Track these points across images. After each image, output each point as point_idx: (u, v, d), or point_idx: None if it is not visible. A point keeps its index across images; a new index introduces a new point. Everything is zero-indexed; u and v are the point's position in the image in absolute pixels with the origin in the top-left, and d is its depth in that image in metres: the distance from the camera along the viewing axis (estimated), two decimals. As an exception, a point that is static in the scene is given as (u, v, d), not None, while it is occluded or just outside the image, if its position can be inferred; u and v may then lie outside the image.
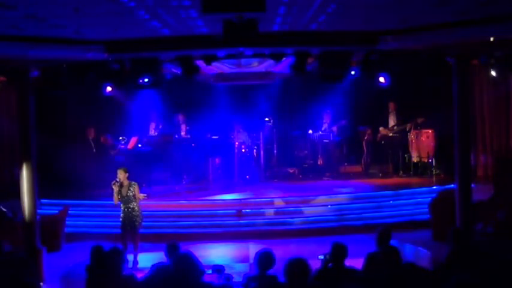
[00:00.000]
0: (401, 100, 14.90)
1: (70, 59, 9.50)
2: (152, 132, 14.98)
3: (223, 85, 15.10)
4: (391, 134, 15.06)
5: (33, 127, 9.68)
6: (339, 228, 11.59)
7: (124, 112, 14.74)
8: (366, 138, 15.14)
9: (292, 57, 10.10)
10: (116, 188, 9.63)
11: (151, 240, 10.76)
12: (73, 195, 12.85)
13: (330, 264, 6.07)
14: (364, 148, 15.17)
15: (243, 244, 10.96)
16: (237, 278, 7.16)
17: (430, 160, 14.43)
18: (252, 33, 6.77)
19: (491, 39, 8.79)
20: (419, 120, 14.52)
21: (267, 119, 15.72)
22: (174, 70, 11.78)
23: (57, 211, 11.68)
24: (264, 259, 5.69)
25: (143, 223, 9.98)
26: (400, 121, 15.00)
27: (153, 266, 6.54)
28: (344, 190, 13.17)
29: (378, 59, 10.31)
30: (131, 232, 9.70)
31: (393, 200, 12.60)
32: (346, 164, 15.38)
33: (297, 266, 4.86)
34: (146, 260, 9.52)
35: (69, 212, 11.72)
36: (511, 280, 5.39)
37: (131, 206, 9.68)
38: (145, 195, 9.93)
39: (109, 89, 13.52)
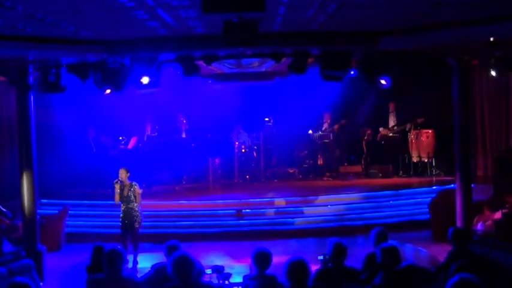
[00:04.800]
0: (401, 100, 14.91)
1: (70, 59, 9.49)
2: (149, 133, 14.97)
3: (223, 85, 15.10)
4: (391, 134, 15.06)
5: (33, 127, 9.69)
6: (339, 228, 11.60)
7: (124, 112, 14.74)
8: (365, 138, 15.14)
9: (292, 57, 10.09)
10: (117, 187, 9.64)
11: (151, 240, 10.77)
12: (73, 195, 12.86)
13: (329, 264, 6.07)
14: (364, 148, 15.17)
15: (243, 244, 10.96)
16: (237, 278, 7.17)
17: (430, 160, 14.44)
18: (252, 34, 6.76)
19: (491, 39, 8.79)
20: (419, 120, 14.52)
21: (267, 119, 15.72)
22: (174, 70, 11.78)
23: (57, 211, 11.69)
24: (261, 258, 5.68)
25: (143, 223, 9.98)
26: (400, 121, 15.01)
27: (153, 266, 6.56)
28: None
29: (378, 59, 10.31)
30: (131, 232, 9.70)
31: (393, 200, 12.61)
32: (346, 164, 15.39)
33: (297, 266, 4.86)
34: (146, 260, 9.53)
35: (69, 212, 11.73)
36: (510, 280, 5.40)
37: (131, 206, 9.68)
38: (141, 190, 9.89)
39: (108, 89, 13.48)
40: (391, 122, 15.19)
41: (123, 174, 9.72)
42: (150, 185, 13.52)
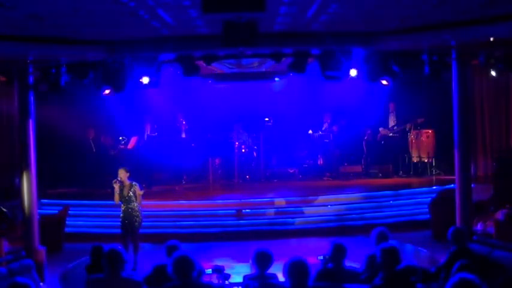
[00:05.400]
0: (401, 100, 14.91)
1: (70, 59, 9.49)
2: (148, 133, 14.98)
3: (223, 85, 15.11)
4: (391, 134, 15.07)
5: (33, 127, 9.68)
6: (339, 228, 11.60)
7: (123, 112, 14.75)
8: (366, 138, 15.15)
9: (292, 57, 10.10)
10: (116, 187, 9.63)
11: (151, 240, 10.77)
12: (73, 195, 12.85)
13: (329, 265, 6.07)
14: (364, 148, 15.18)
15: (243, 244, 10.96)
16: (237, 278, 7.17)
17: (430, 160, 14.45)
18: (252, 34, 6.76)
19: (491, 39, 8.78)
20: (419, 120, 14.53)
21: (267, 119, 15.73)
22: (174, 70, 11.77)
23: (57, 211, 11.68)
24: (262, 258, 5.69)
25: (143, 223, 9.97)
26: (400, 121, 15.01)
27: (153, 266, 6.56)
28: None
29: (378, 59, 10.32)
30: (131, 232, 9.70)
31: (393, 200, 12.61)
32: (346, 164, 15.39)
33: (297, 266, 4.86)
34: (146, 260, 9.52)
35: (69, 212, 11.72)
36: (510, 280, 5.39)
37: (131, 206, 9.67)
38: (141, 190, 9.89)
39: (107, 90, 13.50)
40: (391, 122, 15.20)
41: (122, 174, 9.70)
42: (150, 185, 13.52)
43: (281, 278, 5.31)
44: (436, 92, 13.23)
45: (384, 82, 10.64)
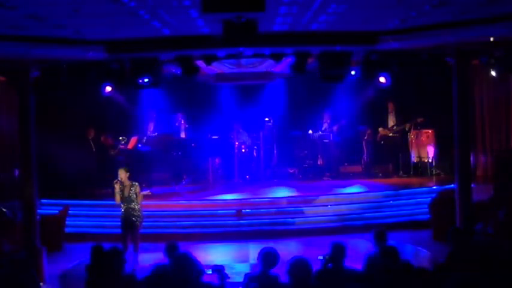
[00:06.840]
0: (401, 100, 14.91)
1: (70, 59, 9.51)
2: (151, 132, 14.98)
3: (223, 85, 15.12)
4: (390, 134, 15.06)
5: (33, 127, 9.69)
6: (339, 228, 11.60)
7: (124, 112, 14.75)
8: (365, 138, 15.15)
9: (292, 57, 10.11)
10: (117, 187, 9.63)
11: (151, 240, 10.76)
12: (73, 195, 12.85)
13: (329, 265, 6.07)
14: (364, 148, 15.18)
15: (243, 244, 10.97)
16: (237, 278, 7.16)
17: (430, 160, 14.45)
18: (252, 33, 6.78)
19: (491, 39, 8.79)
20: (419, 120, 14.53)
21: (267, 119, 15.73)
22: (174, 70, 11.79)
23: (57, 211, 11.68)
24: (268, 257, 5.68)
25: (143, 223, 9.98)
26: (400, 121, 15.01)
27: (153, 266, 6.55)
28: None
29: (378, 59, 10.35)
30: (131, 232, 9.69)
31: (393, 200, 12.60)
32: (346, 164, 15.39)
33: (299, 265, 4.86)
34: (146, 260, 9.52)
35: (69, 212, 11.72)
36: (510, 280, 5.40)
37: (132, 206, 9.67)
38: (149, 192, 9.90)
39: (108, 89, 13.53)
40: (391, 122, 15.20)
41: (122, 174, 9.70)
42: (150, 185, 13.52)
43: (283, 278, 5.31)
44: (436, 92, 13.25)
45: (382, 80, 10.67)
